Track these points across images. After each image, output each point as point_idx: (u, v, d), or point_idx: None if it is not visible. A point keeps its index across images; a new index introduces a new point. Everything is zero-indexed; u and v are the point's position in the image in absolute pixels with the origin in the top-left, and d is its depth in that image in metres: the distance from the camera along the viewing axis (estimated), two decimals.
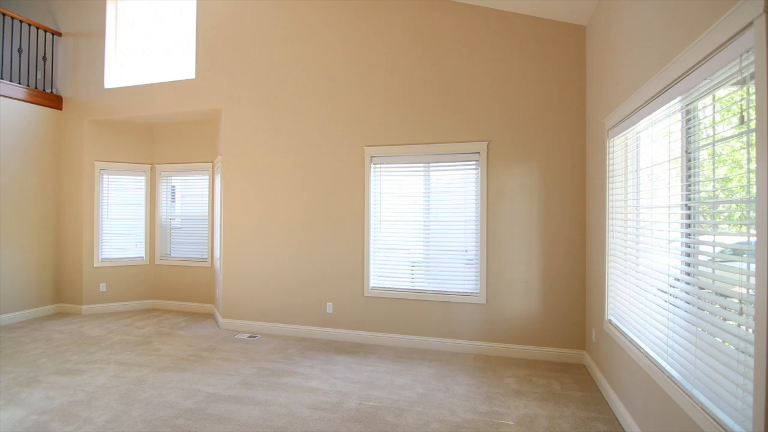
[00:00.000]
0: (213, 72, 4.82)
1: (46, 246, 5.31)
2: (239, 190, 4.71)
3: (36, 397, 2.95)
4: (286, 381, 3.26)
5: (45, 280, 5.31)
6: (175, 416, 2.70)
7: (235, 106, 4.73)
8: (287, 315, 4.49)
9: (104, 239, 5.46)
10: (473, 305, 3.92)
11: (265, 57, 4.61)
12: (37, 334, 4.47)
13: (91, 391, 3.05)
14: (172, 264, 5.62)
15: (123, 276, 5.53)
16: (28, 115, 5.12)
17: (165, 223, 5.71)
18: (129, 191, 5.63)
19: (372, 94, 4.23)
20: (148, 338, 4.32)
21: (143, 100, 5.11)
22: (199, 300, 5.49)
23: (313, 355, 3.83)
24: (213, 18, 4.83)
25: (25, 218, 5.07)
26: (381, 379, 3.32)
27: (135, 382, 3.23)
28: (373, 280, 4.23)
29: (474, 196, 3.97)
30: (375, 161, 4.24)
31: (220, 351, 3.95)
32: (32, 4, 5.66)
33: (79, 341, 4.21)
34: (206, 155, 5.49)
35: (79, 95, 5.41)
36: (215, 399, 2.94)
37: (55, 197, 5.43)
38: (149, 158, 5.74)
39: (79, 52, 5.44)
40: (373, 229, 4.24)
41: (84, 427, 2.56)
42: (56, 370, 3.46)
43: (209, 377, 3.32)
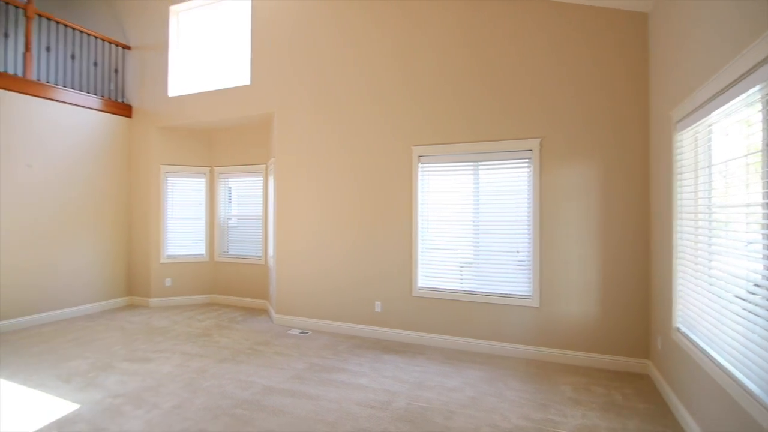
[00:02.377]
0: (266, 78, 5.02)
1: (119, 243, 5.78)
2: (291, 190, 4.87)
3: (111, 381, 3.23)
4: (336, 377, 3.33)
5: (118, 275, 5.78)
6: (233, 406, 2.84)
7: (286, 109, 4.90)
8: (337, 312, 4.58)
9: (169, 237, 5.86)
10: (525, 308, 3.80)
11: (315, 61, 4.73)
12: (112, 323, 4.88)
13: (158, 378, 3.28)
14: (229, 261, 5.92)
15: (185, 272, 5.90)
16: (103, 123, 5.60)
17: (223, 223, 6.02)
18: (190, 192, 6.00)
19: (420, 94, 4.21)
20: (209, 331, 4.58)
21: (203, 107, 5.42)
22: (254, 296, 5.75)
23: (362, 353, 3.89)
24: (266, 26, 5.03)
25: (101, 218, 5.55)
26: (430, 380, 3.30)
27: (197, 371, 3.43)
28: (421, 280, 4.21)
29: (526, 195, 3.84)
30: (423, 161, 4.22)
31: (273, 345, 4.11)
32: (105, 21, 6.18)
33: (147, 331, 4.55)
34: (260, 157, 5.72)
35: (147, 104, 5.84)
36: (270, 391, 3.06)
37: (126, 198, 5.90)
38: (209, 161, 6.09)
39: (145, 64, 5.87)
40: (421, 229, 4.23)
41: (152, 411, 2.76)
42: (128, 357, 3.76)
43: (264, 370, 3.47)
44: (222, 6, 5.51)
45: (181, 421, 2.64)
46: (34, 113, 4.85)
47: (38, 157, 4.88)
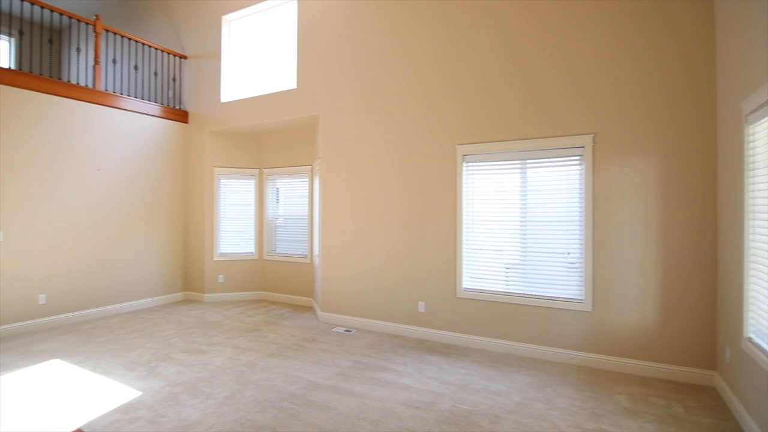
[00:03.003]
0: (312, 81, 5.14)
1: (176, 242, 6.15)
2: (336, 191, 4.96)
3: (170, 371, 3.43)
4: (380, 376, 3.35)
5: (175, 271, 6.15)
6: (281, 399, 2.93)
7: (331, 111, 4.99)
8: (380, 312, 4.61)
9: (221, 236, 6.15)
10: (576, 312, 3.64)
11: (359, 63, 4.79)
12: (170, 317, 5.20)
13: (212, 370, 3.46)
14: (277, 259, 6.13)
15: (237, 269, 6.17)
16: (162, 128, 5.97)
17: (271, 222, 6.24)
18: (241, 193, 6.27)
19: (464, 93, 4.15)
20: (258, 326, 4.76)
21: (252, 111, 5.65)
22: (300, 293, 5.91)
23: (405, 353, 3.89)
24: (312, 32, 5.15)
25: (160, 218, 5.93)
26: (475, 383, 3.24)
27: (247, 365, 3.58)
28: (465, 281, 4.15)
29: (577, 195, 3.68)
30: (467, 159, 4.15)
31: (319, 342, 4.20)
32: (164, 33, 6.59)
33: (202, 325, 4.80)
34: (306, 159, 5.87)
35: (201, 109, 6.17)
36: (316, 387, 3.13)
37: (183, 199, 6.26)
38: (258, 163, 6.33)
39: (200, 72, 6.20)
40: (466, 229, 4.16)
41: (207, 401, 2.91)
42: (185, 349, 3.99)
43: (310, 366, 3.55)
44: (270, 13, 5.71)
45: (233, 411, 2.76)
46: (102, 121, 5.26)
47: (106, 161, 5.28)
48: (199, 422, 2.62)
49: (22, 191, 4.53)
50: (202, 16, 6.16)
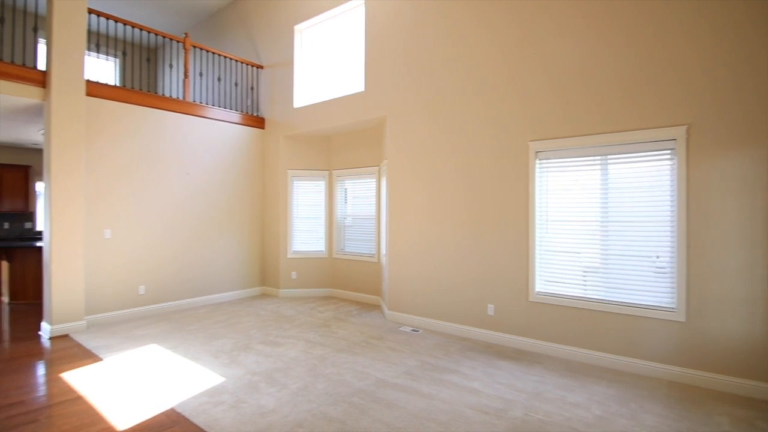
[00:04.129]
0: (379, 83, 5.22)
1: (254, 240, 6.58)
2: (402, 191, 4.99)
3: (249, 361, 3.67)
4: (448, 378, 3.30)
5: (254, 267, 6.58)
6: (350, 394, 3.01)
7: (398, 112, 5.03)
8: (447, 313, 4.56)
9: (294, 235, 6.47)
10: (667, 322, 3.31)
11: (424, 63, 4.77)
12: (249, 309, 5.57)
13: (287, 362, 3.64)
14: (345, 258, 6.31)
15: (308, 267, 6.45)
16: (241, 134, 6.42)
17: (340, 222, 6.44)
18: (312, 194, 6.54)
19: (536, 85, 3.96)
20: (328, 322, 4.93)
21: (323, 115, 5.86)
22: (368, 291, 6.02)
23: (474, 356, 3.80)
24: (379, 35, 5.23)
25: (240, 217, 6.38)
26: (549, 392, 3.08)
27: (319, 358, 3.72)
28: (538, 284, 3.96)
29: (668, 192, 3.34)
30: (540, 156, 3.95)
31: (386, 340, 4.25)
32: (243, 45, 7.07)
33: (277, 319, 5.08)
34: (373, 160, 5.98)
35: (276, 115, 6.53)
36: (383, 384, 3.17)
37: (260, 200, 6.67)
38: (327, 165, 6.56)
39: (275, 80, 6.56)
40: (539, 230, 3.97)
41: (282, 390, 3.07)
42: (262, 340, 4.24)
43: (378, 363, 3.60)
44: (338, 20, 5.89)
45: (306, 402, 2.88)
46: (191, 129, 5.77)
47: (193, 166, 5.79)
48: (275, 410, 2.77)
49: (125, 193, 5.12)
50: (276, 28, 6.52)
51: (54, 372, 3.46)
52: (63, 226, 4.47)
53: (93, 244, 4.83)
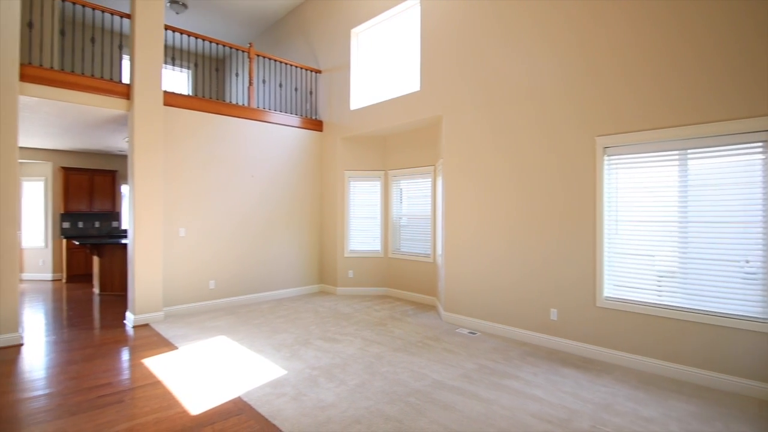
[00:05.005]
0: (434, 82, 5.18)
1: (313, 239, 6.80)
2: (459, 190, 4.91)
3: (309, 355, 3.80)
4: (508, 384, 3.20)
5: (312, 265, 6.80)
6: (406, 394, 3.01)
7: (454, 110, 4.96)
8: (507, 316, 4.42)
9: (351, 234, 6.60)
10: (758, 334, 2.97)
11: (480, 59, 4.66)
12: (308, 306, 5.76)
13: (344, 358, 3.72)
14: (401, 258, 6.33)
15: (364, 266, 6.56)
16: (301, 137, 6.66)
17: (395, 222, 6.47)
18: (368, 194, 6.63)
19: (604, 77, 3.71)
20: (384, 321, 4.97)
21: (378, 116, 5.93)
22: (423, 291, 6.00)
23: (535, 362, 3.65)
24: (434, 33, 5.19)
25: (300, 217, 6.62)
26: (620, 404, 2.88)
27: (375, 356, 3.76)
28: (607, 289, 3.71)
29: (760, 190, 3.00)
30: (609, 152, 3.71)
31: (442, 342, 4.20)
32: (303, 51, 7.33)
33: (335, 316, 5.21)
34: (428, 159, 5.94)
35: (333, 118, 6.70)
36: (440, 386, 3.14)
37: (318, 201, 6.89)
38: (383, 165, 6.62)
39: (332, 84, 6.73)
40: (608, 231, 3.72)
41: (341, 386, 3.14)
42: (321, 336, 4.37)
43: (434, 365, 3.58)
44: (393, 21, 5.92)
45: (364, 399, 2.93)
46: (255, 134, 6.08)
47: (258, 169, 6.10)
48: (334, 405, 2.84)
49: (197, 195, 5.50)
50: (333, 33, 6.69)
51: (137, 358, 3.81)
52: (144, 225, 4.90)
53: (170, 241, 5.25)
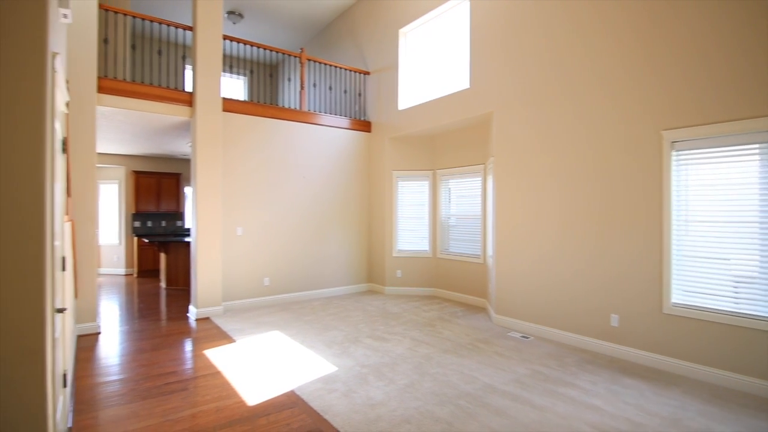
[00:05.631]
0: (485, 78, 5.06)
1: (362, 238, 6.89)
2: (510, 189, 4.76)
3: (359, 353, 3.85)
4: (564, 391, 3.06)
5: (361, 265, 6.89)
6: (456, 396, 2.96)
7: (505, 107, 4.82)
8: (562, 321, 4.22)
9: (399, 234, 6.62)
10: None
11: (534, 51, 4.49)
12: (357, 305, 5.84)
13: (393, 357, 3.73)
14: (449, 258, 6.25)
15: (412, 266, 6.55)
16: (350, 138, 6.76)
17: (444, 222, 6.40)
18: (415, 194, 6.62)
19: (671, 66, 3.44)
20: (432, 322, 4.93)
21: (427, 115, 5.89)
22: (473, 293, 5.88)
23: (594, 370, 3.46)
24: (484, 28, 5.07)
25: (349, 217, 6.73)
26: (690, 419, 2.66)
27: (424, 357, 3.74)
28: (675, 294, 3.44)
29: None
30: (677, 147, 3.44)
31: (493, 345, 4.10)
32: (351, 54, 7.44)
33: (383, 315, 5.24)
34: (477, 158, 5.82)
35: (381, 118, 6.75)
36: (491, 390, 3.06)
37: (367, 201, 6.97)
38: (431, 165, 6.57)
39: (381, 85, 6.78)
40: (676, 232, 3.45)
41: (390, 385, 3.15)
42: (370, 335, 4.41)
43: (485, 368, 3.49)
44: (441, 19, 5.85)
45: (413, 399, 2.92)
46: (306, 136, 6.26)
47: (308, 170, 6.28)
48: (383, 403, 2.86)
49: (253, 195, 5.76)
50: (381, 33, 6.73)
51: (198, 349, 4.05)
52: (205, 224, 5.21)
53: (228, 240, 5.53)
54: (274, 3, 7.29)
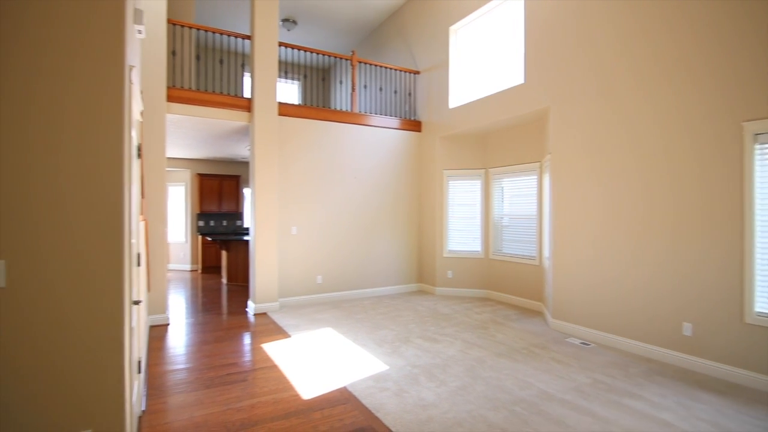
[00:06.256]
0: (541, 72, 4.86)
1: (411, 238, 6.88)
2: (570, 187, 4.54)
3: (409, 353, 3.84)
4: (629, 403, 2.86)
5: (411, 264, 6.88)
6: (511, 402, 2.87)
7: (563, 101, 4.60)
8: (627, 328, 3.96)
9: (450, 234, 6.53)
10: None
11: (594, 42, 4.24)
12: (407, 304, 5.84)
13: (445, 359, 3.69)
14: (502, 259, 6.07)
15: (463, 266, 6.44)
16: (399, 138, 6.77)
17: (496, 222, 6.23)
18: (467, 193, 6.50)
19: (749, 48, 3.11)
20: (485, 324, 4.82)
21: (479, 113, 5.76)
22: (527, 296, 5.67)
23: (663, 382, 3.21)
24: (540, 20, 4.87)
25: (399, 217, 6.75)
26: None
27: (476, 360, 3.66)
28: (759, 302, 3.11)
29: None
30: (761, 140, 3.10)
31: (550, 350, 3.93)
32: (401, 54, 7.45)
33: (434, 316, 5.20)
34: (532, 155, 5.60)
35: (432, 117, 6.69)
36: (548, 398, 2.93)
37: (416, 200, 6.94)
38: (483, 163, 6.43)
39: (431, 83, 6.73)
40: (761, 234, 3.11)
41: (441, 387, 3.12)
42: (421, 335, 4.39)
43: (541, 374, 3.36)
44: (493, 14, 5.70)
45: (465, 402, 2.86)
46: (357, 137, 6.36)
47: (360, 171, 6.37)
48: (435, 405, 2.83)
49: (306, 196, 5.93)
50: (432, 32, 6.67)
51: (256, 342, 4.24)
52: (263, 223, 5.44)
53: (283, 238, 5.75)
54: (326, 8, 7.48)
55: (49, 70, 1.72)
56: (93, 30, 1.80)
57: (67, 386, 1.74)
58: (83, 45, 1.77)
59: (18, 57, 1.67)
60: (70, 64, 1.76)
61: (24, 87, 1.68)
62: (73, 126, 1.76)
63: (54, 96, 1.73)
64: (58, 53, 1.74)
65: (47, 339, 1.71)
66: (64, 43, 1.74)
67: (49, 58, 1.72)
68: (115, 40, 1.83)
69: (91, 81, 1.79)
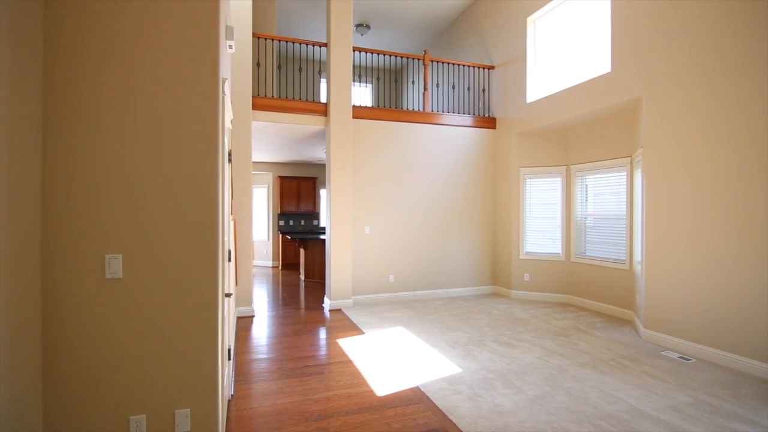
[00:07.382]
0: (631, 59, 4.44)
1: (486, 239, 6.68)
2: (666, 185, 4.10)
3: (484, 357, 3.74)
4: (739, 428, 2.51)
5: (485, 266, 6.69)
6: (597, 417, 2.67)
7: (658, 89, 4.16)
8: (737, 343, 3.48)
9: (527, 235, 6.24)
10: None
11: (695, 23, 3.77)
12: (481, 307, 5.68)
13: (522, 365, 3.53)
14: (586, 262, 5.66)
15: (542, 269, 6.11)
16: (473, 136, 6.61)
17: (579, 222, 5.83)
18: (546, 192, 6.15)
19: None
20: (566, 331, 4.53)
21: (559, 106, 5.43)
22: (615, 303, 5.23)
23: None
24: (629, 5, 4.45)
25: (472, 216, 6.59)
26: None
27: (557, 369, 3.46)
28: None
29: None
30: None
31: (642, 364, 3.58)
32: (474, 49, 7.27)
33: (510, 320, 5.00)
34: (621, 150, 5.15)
35: (507, 113, 6.44)
36: (641, 415, 2.68)
37: (491, 200, 6.73)
38: (564, 160, 6.04)
39: (506, 78, 6.48)
40: None
41: (519, 394, 2.99)
42: (496, 339, 4.25)
43: (632, 389, 3.07)
44: (575, 1, 5.33)
45: (545, 413, 2.72)
46: (429, 137, 6.32)
47: (432, 170, 6.33)
48: (511, 413, 2.72)
49: (379, 196, 6.04)
50: (508, 24, 6.42)
51: (332, 337, 4.40)
52: (338, 223, 5.64)
53: (357, 238, 5.91)
54: (399, 9, 7.54)
55: (158, 88, 1.94)
56: (191, 46, 1.99)
57: (169, 368, 1.95)
58: (184, 63, 1.97)
59: (136, 78, 1.90)
60: (174, 81, 1.96)
61: (141, 105, 1.91)
62: (178, 135, 1.96)
63: (163, 109, 1.94)
64: (163, 72, 1.95)
65: (154, 326, 1.93)
66: (167, 62, 1.95)
67: (157, 76, 1.94)
68: (210, 55, 2.02)
69: (192, 95, 1.99)
